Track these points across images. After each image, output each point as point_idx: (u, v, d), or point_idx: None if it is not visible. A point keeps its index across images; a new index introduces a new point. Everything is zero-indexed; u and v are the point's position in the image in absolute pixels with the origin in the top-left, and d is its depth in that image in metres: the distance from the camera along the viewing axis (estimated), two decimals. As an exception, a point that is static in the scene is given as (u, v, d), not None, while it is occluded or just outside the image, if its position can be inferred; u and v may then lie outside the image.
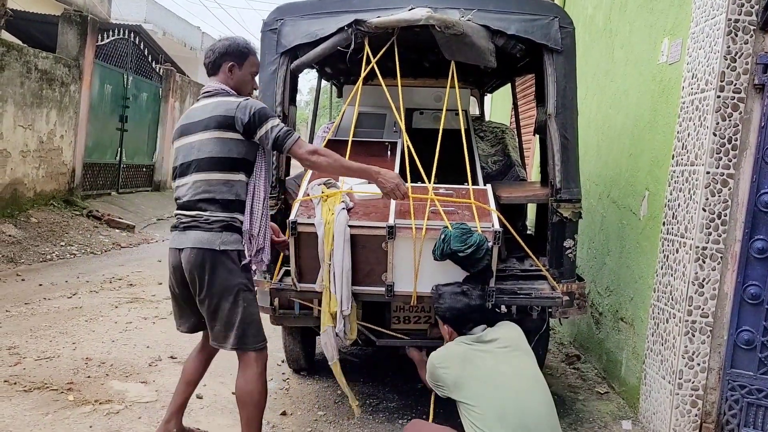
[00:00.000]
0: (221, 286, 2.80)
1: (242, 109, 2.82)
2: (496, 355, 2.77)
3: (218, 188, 2.82)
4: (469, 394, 2.66)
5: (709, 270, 3.36)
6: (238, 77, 3.00)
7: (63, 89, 9.76)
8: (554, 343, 5.45)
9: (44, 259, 7.56)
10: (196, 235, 2.80)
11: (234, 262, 2.83)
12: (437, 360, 2.85)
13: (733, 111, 3.28)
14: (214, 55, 2.99)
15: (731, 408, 3.37)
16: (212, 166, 2.82)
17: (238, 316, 2.82)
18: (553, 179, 3.51)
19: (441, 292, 3.01)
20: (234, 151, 2.84)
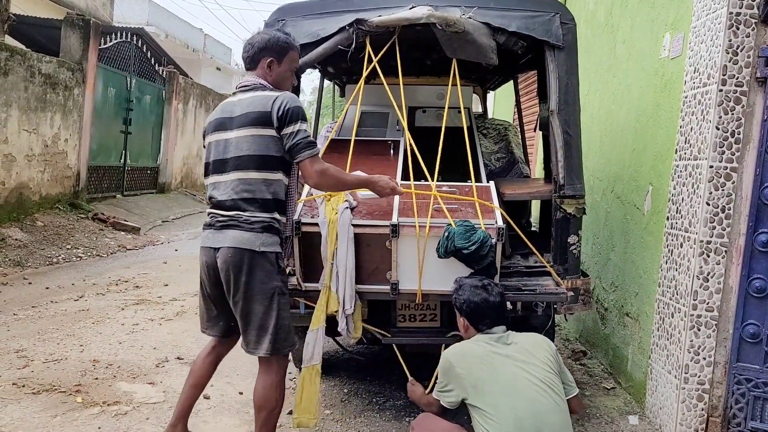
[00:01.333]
0: (258, 288, 2.75)
1: (279, 103, 2.76)
2: (516, 360, 2.63)
3: (258, 187, 2.77)
4: (487, 401, 2.53)
5: (713, 264, 3.35)
6: (277, 73, 2.92)
7: (67, 93, 9.80)
8: (560, 339, 5.45)
9: (50, 263, 7.59)
10: (236, 234, 2.74)
11: (272, 264, 2.78)
12: (454, 358, 2.70)
13: (736, 104, 3.28)
14: (253, 50, 2.91)
15: (738, 402, 3.37)
16: (251, 164, 2.77)
17: (272, 320, 2.77)
18: (557, 175, 3.51)
19: (461, 284, 2.93)
20: (272, 148, 2.78)
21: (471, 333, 2.82)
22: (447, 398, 2.71)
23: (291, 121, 2.76)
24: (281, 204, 2.85)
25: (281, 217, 2.85)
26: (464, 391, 2.62)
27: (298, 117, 2.77)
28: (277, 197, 2.82)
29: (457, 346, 2.79)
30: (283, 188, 2.85)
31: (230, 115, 2.84)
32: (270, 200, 2.79)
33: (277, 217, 2.81)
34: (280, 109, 2.74)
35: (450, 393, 2.69)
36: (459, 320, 2.90)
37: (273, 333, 2.77)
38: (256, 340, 2.80)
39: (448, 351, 2.77)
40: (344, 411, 3.81)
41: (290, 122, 2.76)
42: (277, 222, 2.81)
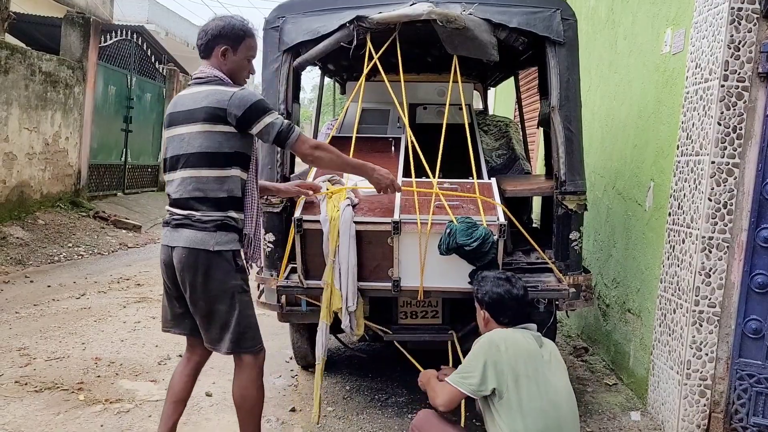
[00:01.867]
0: (217, 288, 2.66)
1: (236, 102, 2.62)
2: (551, 365, 2.58)
3: (209, 186, 2.66)
4: (522, 399, 2.44)
5: (715, 260, 3.35)
6: (232, 62, 2.77)
7: (67, 91, 9.79)
8: (562, 336, 5.45)
9: (52, 261, 7.60)
10: (189, 234, 2.65)
11: (229, 263, 2.69)
12: (504, 343, 2.54)
13: (738, 100, 3.27)
14: (207, 37, 2.76)
15: (740, 397, 3.37)
16: (202, 162, 2.65)
17: (233, 318, 2.69)
18: (558, 172, 3.50)
19: (484, 276, 2.87)
20: (225, 145, 2.66)
21: (491, 326, 2.73)
22: (471, 383, 2.53)
23: (259, 115, 2.65)
24: (237, 201, 2.74)
25: (237, 214, 2.74)
26: (501, 382, 2.48)
27: (264, 109, 2.66)
28: (232, 194, 2.71)
29: (504, 331, 2.65)
30: (239, 185, 2.73)
31: (182, 109, 2.72)
32: (224, 198, 2.68)
33: (232, 215, 2.71)
34: (242, 108, 2.61)
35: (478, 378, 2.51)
36: (479, 313, 2.81)
37: (235, 331, 2.70)
38: (218, 338, 2.73)
39: (494, 333, 2.63)
40: (346, 408, 3.81)
41: (258, 117, 2.65)
42: (232, 219, 2.71)
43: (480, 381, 2.51)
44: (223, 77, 2.74)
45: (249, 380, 2.78)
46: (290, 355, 4.49)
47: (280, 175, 3.56)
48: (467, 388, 2.54)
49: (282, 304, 3.58)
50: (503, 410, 2.48)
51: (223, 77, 2.74)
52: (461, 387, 2.56)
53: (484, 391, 2.51)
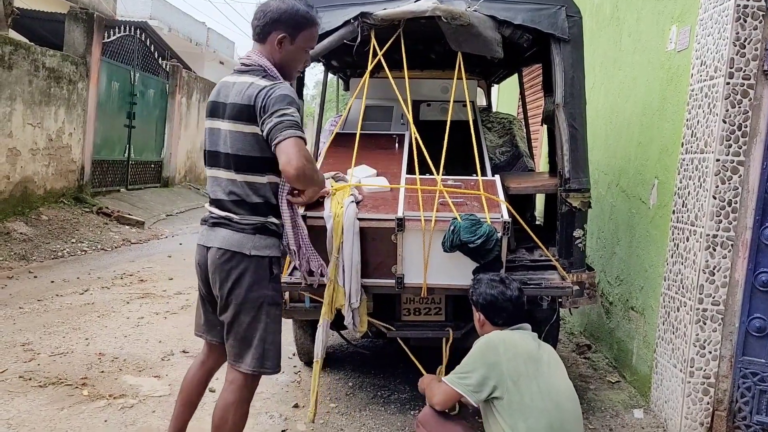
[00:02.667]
0: (245, 296, 2.48)
1: (263, 95, 2.38)
2: (550, 365, 2.59)
3: (244, 191, 2.48)
4: (524, 400, 2.44)
5: (719, 258, 3.34)
6: (287, 52, 2.51)
7: (71, 87, 9.80)
8: (565, 333, 5.45)
9: (55, 256, 7.61)
10: (226, 234, 2.48)
11: (264, 270, 2.49)
12: (503, 345, 2.54)
13: (743, 98, 3.26)
14: (265, 19, 2.48)
15: (743, 395, 3.37)
16: (236, 166, 2.47)
17: (257, 332, 2.49)
18: (562, 169, 3.50)
19: (479, 278, 2.87)
20: (256, 148, 2.43)
21: (487, 328, 2.74)
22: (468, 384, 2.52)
23: (275, 105, 2.35)
24: (274, 207, 2.55)
25: (277, 220, 2.57)
26: (501, 383, 2.47)
27: (283, 101, 2.36)
28: (269, 201, 2.53)
29: (502, 332, 2.65)
30: (274, 190, 2.54)
31: (224, 101, 2.50)
32: (260, 204, 2.51)
33: (272, 220, 2.54)
34: (263, 99, 2.37)
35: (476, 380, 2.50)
36: (475, 315, 2.84)
37: (258, 348, 2.49)
38: (237, 353, 2.52)
39: (493, 335, 2.62)
40: (349, 404, 3.81)
41: (273, 106, 2.35)
42: (272, 224, 2.54)
43: (478, 383, 2.51)
44: (270, 68, 2.49)
45: (237, 401, 2.53)
46: (293, 351, 4.49)
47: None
48: (463, 389, 2.54)
49: (285, 300, 3.58)
50: (505, 412, 2.47)
51: (270, 68, 2.49)
52: (457, 387, 2.56)
53: (481, 394, 2.50)
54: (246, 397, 2.56)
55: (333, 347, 4.77)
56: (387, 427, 3.53)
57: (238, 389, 2.53)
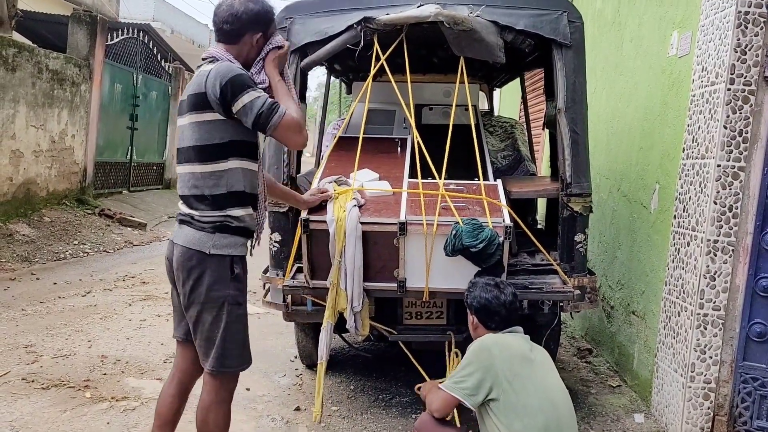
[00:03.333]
0: (206, 295, 2.45)
1: (212, 81, 2.34)
2: (543, 365, 2.61)
3: (205, 182, 2.44)
4: (520, 399, 2.45)
5: (720, 263, 3.36)
6: (258, 49, 2.55)
7: (74, 89, 9.83)
8: (566, 337, 5.46)
9: (58, 258, 7.63)
10: (189, 232, 2.47)
11: (225, 269, 2.46)
12: (496, 347, 2.56)
13: (744, 103, 3.27)
14: (239, 23, 2.47)
15: (744, 401, 3.38)
16: (195, 157, 2.44)
17: (219, 331, 2.47)
18: (564, 174, 3.52)
19: (474, 281, 2.89)
20: (215, 135, 2.41)
21: (480, 332, 2.76)
22: (464, 388, 2.52)
23: (236, 93, 2.34)
24: (240, 197, 2.49)
25: (241, 211, 2.49)
26: (496, 384, 2.48)
27: (243, 85, 2.36)
28: (233, 189, 2.46)
29: (495, 335, 2.68)
30: (242, 177, 2.48)
31: (184, 97, 2.51)
32: (223, 195, 2.45)
33: (232, 213, 2.47)
34: (216, 85, 2.33)
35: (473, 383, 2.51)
36: (469, 318, 2.85)
37: (220, 347, 2.47)
38: (204, 352, 2.52)
39: (486, 338, 2.65)
40: (351, 407, 3.83)
41: (236, 95, 2.34)
42: (233, 219, 2.47)
43: (474, 386, 2.51)
44: (227, 57, 2.47)
45: (214, 403, 2.53)
46: (295, 354, 4.51)
47: (287, 175, 3.58)
48: (461, 393, 2.54)
49: (288, 303, 3.60)
50: (501, 412, 2.48)
51: (227, 57, 2.47)
52: (455, 392, 2.56)
53: (478, 396, 2.51)
54: (223, 397, 2.54)
55: (335, 350, 4.78)
56: (388, 431, 3.54)
57: (212, 390, 2.53)
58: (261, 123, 2.38)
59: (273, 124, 2.39)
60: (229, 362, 2.52)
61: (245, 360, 2.59)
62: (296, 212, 3.47)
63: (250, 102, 2.35)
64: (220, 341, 2.48)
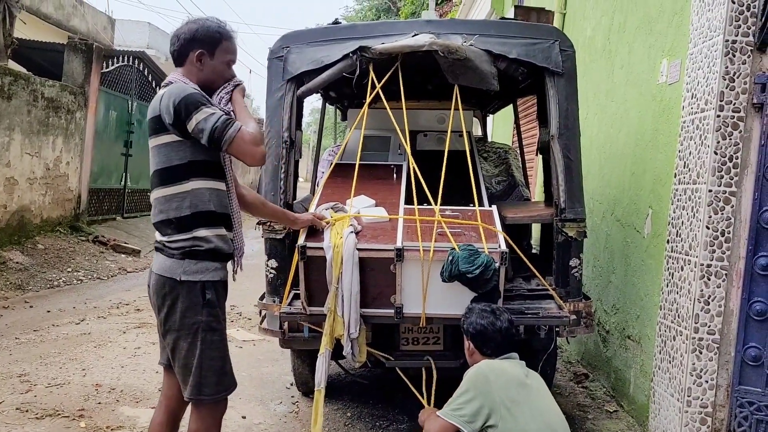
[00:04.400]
0: (179, 322, 2.44)
1: (165, 102, 2.37)
2: (539, 390, 2.63)
3: (169, 205, 2.44)
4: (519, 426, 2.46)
5: (714, 287, 3.38)
6: (209, 68, 2.53)
7: (69, 116, 9.87)
8: (562, 362, 5.45)
9: (51, 286, 7.59)
10: (161, 260, 2.48)
11: (197, 296, 2.44)
12: (493, 374, 2.58)
13: (733, 130, 3.33)
14: (179, 42, 2.52)
15: (740, 425, 3.38)
16: (159, 181, 2.47)
17: (195, 359, 2.45)
18: (557, 199, 3.55)
19: (470, 307, 2.93)
20: (174, 156, 2.42)
21: (476, 358, 2.79)
22: (462, 415, 2.54)
23: (189, 112, 2.35)
24: (210, 217, 2.47)
25: (209, 231, 2.47)
26: (494, 411, 2.50)
27: (195, 103, 2.36)
28: (199, 209, 2.45)
29: (491, 361, 2.70)
30: (208, 197, 2.47)
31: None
32: (187, 217, 2.43)
33: (199, 235, 2.44)
34: (170, 107, 2.35)
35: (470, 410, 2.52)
36: (465, 343, 2.89)
37: (197, 375, 2.45)
38: (182, 380, 2.50)
39: (482, 365, 2.67)
40: (348, 435, 3.80)
41: (189, 114, 2.35)
42: (202, 242, 2.45)
43: (472, 413, 2.53)
44: (181, 79, 2.50)
45: (201, 430, 2.52)
46: (291, 381, 4.49)
47: (283, 202, 3.60)
48: (458, 421, 2.55)
49: (284, 330, 3.59)
50: None
51: (181, 79, 2.50)
52: (452, 420, 2.57)
53: (476, 423, 2.52)
54: (209, 425, 2.52)
55: (331, 377, 4.75)
56: (386, 458, 3.52)
57: (197, 418, 2.52)
58: (216, 138, 2.37)
59: (228, 137, 2.38)
60: (207, 390, 2.48)
61: (224, 388, 2.54)
62: (293, 239, 3.48)
63: (204, 119, 2.36)
64: (196, 369, 2.45)
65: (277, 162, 3.62)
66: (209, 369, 2.47)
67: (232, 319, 6.52)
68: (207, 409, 2.52)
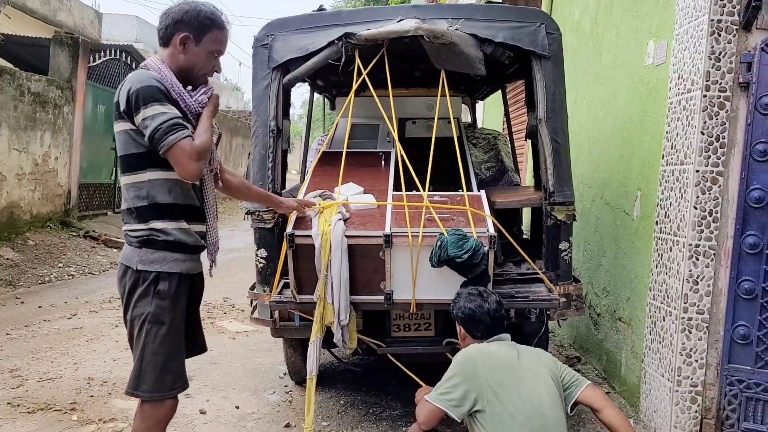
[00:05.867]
0: (131, 312, 2.36)
1: (124, 90, 2.29)
2: (530, 372, 2.61)
3: (129, 194, 2.39)
4: (506, 409, 2.47)
5: (702, 267, 3.40)
6: (192, 54, 2.40)
7: (56, 111, 9.79)
8: (554, 346, 5.48)
9: (43, 281, 7.56)
10: (124, 248, 2.44)
11: (149, 286, 2.33)
12: (480, 358, 2.58)
13: (720, 109, 3.34)
14: (167, 21, 2.40)
15: (730, 403, 3.41)
16: (121, 169, 2.42)
17: (138, 352, 2.35)
18: (546, 183, 3.55)
19: (458, 293, 2.94)
20: (131, 145, 2.34)
21: (468, 341, 2.80)
22: (450, 399, 2.55)
23: (138, 106, 2.25)
24: (168, 209, 2.38)
25: (166, 224, 2.36)
26: (481, 395, 2.51)
27: (147, 98, 2.25)
28: (156, 201, 2.36)
29: (479, 345, 2.70)
30: (167, 189, 2.37)
31: None
32: (145, 207, 2.35)
33: (156, 226, 2.35)
34: (124, 95, 2.28)
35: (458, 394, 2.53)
36: (458, 328, 2.90)
37: (137, 367, 2.34)
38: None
39: (470, 349, 2.66)
40: (341, 422, 3.81)
41: (139, 107, 2.25)
42: (159, 233, 2.36)
43: (459, 397, 2.53)
44: (157, 65, 2.38)
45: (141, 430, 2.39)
46: (284, 370, 4.49)
47: (271, 191, 3.58)
48: (446, 405, 2.56)
49: (275, 319, 3.59)
50: (487, 423, 2.50)
51: (157, 65, 2.38)
52: (440, 404, 2.58)
53: (463, 407, 2.53)
54: (148, 426, 2.38)
55: (324, 365, 4.77)
56: (379, 444, 3.53)
57: (138, 414, 2.41)
58: (155, 140, 2.25)
59: (167, 144, 2.25)
60: (144, 387, 2.34)
61: (164, 387, 2.36)
62: (282, 228, 3.48)
63: (151, 116, 2.25)
64: (137, 361, 2.35)
65: (265, 151, 3.60)
66: (149, 363, 2.33)
67: (225, 310, 6.52)
68: (148, 407, 2.38)
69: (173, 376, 2.38)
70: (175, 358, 2.39)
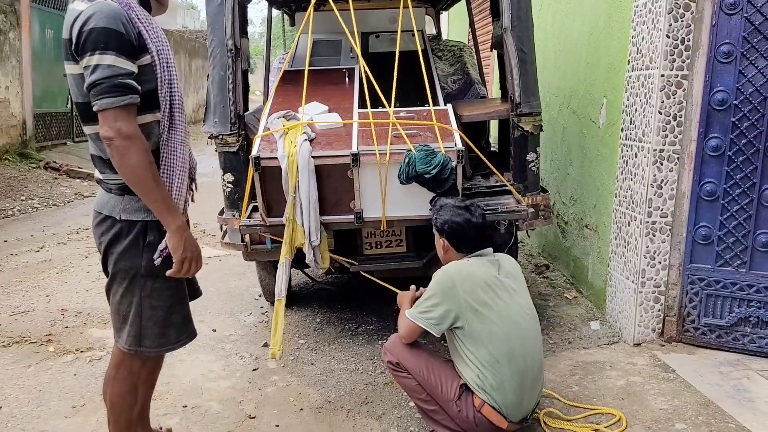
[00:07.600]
0: (115, 264, 2.16)
1: (78, 25, 1.95)
2: (509, 288, 2.64)
3: (98, 144, 2.11)
4: (486, 327, 2.51)
5: (666, 171, 3.45)
6: None
7: (2, 38, 9.29)
8: (524, 255, 5.60)
9: (5, 215, 7.40)
10: (100, 194, 2.21)
11: (136, 237, 2.14)
12: (459, 277, 2.57)
13: (685, 11, 3.29)
14: None
15: (692, 300, 3.55)
16: (81, 116, 2.13)
17: (132, 307, 2.18)
18: (513, 94, 3.51)
19: (442, 204, 2.86)
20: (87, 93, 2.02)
21: (451, 255, 2.77)
22: (429, 318, 2.57)
23: (87, 48, 1.94)
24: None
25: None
26: (461, 314, 2.54)
27: (97, 42, 1.93)
28: None
29: (459, 264, 2.68)
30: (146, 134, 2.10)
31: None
32: None
33: None
34: (77, 28, 1.94)
35: (437, 313, 2.56)
36: (438, 241, 2.84)
37: (134, 325, 2.19)
38: (117, 327, 2.25)
39: (450, 268, 2.65)
40: (318, 339, 3.89)
41: (86, 50, 1.94)
42: None
43: (439, 317, 2.57)
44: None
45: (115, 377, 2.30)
46: (258, 292, 4.54)
47: (234, 113, 3.48)
48: (425, 323, 2.60)
49: (246, 243, 3.59)
50: (467, 340, 2.56)
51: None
52: (419, 322, 2.61)
53: (442, 326, 2.57)
54: (125, 376, 2.28)
55: (298, 285, 4.83)
56: (356, 358, 3.63)
57: (116, 365, 2.30)
58: (92, 93, 1.96)
59: (104, 104, 1.95)
60: (147, 342, 2.22)
61: (169, 341, 2.26)
62: (247, 151, 3.41)
63: (94, 66, 1.93)
64: (135, 318, 2.19)
65: (224, 72, 3.47)
66: (150, 319, 2.20)
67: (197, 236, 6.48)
68: (128, 359, 2.27)
69: (177, 328, 2.27)
70: (177, 309, 2.27)
